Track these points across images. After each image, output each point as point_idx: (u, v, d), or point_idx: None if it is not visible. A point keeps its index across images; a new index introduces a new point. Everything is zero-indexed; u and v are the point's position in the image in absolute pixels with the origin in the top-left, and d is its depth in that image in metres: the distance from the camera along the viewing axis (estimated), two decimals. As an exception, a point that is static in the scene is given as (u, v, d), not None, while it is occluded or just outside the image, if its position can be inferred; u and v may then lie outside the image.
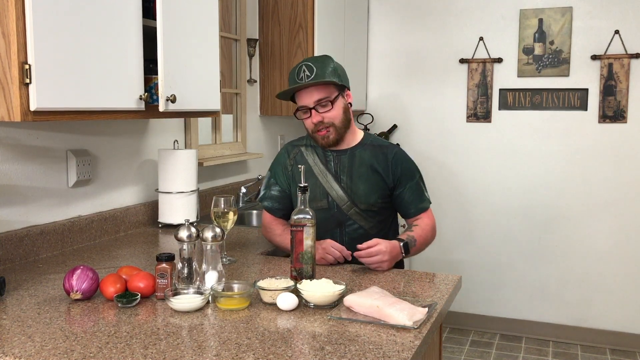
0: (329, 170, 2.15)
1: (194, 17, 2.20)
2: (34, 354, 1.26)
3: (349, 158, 2.15)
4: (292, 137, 4.02)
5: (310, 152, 2.19)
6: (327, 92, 2.06)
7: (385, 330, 1.42)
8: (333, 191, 2.13)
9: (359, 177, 2.12)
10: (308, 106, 2.07)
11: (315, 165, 2.16)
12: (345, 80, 2.13)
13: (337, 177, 2.14)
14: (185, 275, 1.62)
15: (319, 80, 2.02)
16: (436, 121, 4.14)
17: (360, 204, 2.11)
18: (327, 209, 2.13)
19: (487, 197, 4.07)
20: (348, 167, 2.14)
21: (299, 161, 2.18)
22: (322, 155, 2.17)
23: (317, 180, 2.14)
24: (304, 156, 2.19)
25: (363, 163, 2.13)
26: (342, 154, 2.15)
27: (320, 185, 2.14)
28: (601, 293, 3.87)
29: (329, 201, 2.13)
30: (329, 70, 2.06)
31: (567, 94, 3.84)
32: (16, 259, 1.98)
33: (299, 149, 2.22)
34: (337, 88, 2.09)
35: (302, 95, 2.08)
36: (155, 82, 2.03)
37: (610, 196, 3.80)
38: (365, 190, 2.11)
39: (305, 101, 2.07)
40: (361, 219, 2.13)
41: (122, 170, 2.52)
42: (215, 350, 1.29)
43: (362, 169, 2.13)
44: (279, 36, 3.46)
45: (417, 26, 4.11)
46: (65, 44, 1.65)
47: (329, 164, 2.15)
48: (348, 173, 2.13)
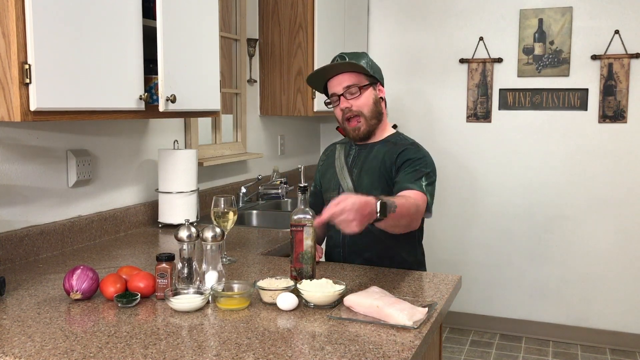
0: (346, 163, 2.16)
1: (194, 17, 2.20)
2: (34, 354, 1.26)
3: (366, 152, 2.14)
4: (292, 137, 4.03)
5: (341, 147, 2.22)
6: (357, 79, 2.05)
7: (385, 330, 1.42)
8: (344, 183, 2.13)
9: (366, 171, 2.12)
10: (337, 93, 2.06)
11: (338, 158, 2.19)
12: (379, 75, 2.13)
13: (351, 170, 2.15)
14: (185, 275, 1.62)
15: (349, 61, 2.01)
16: (436, 121, 4.14)
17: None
18: None
19: (487, 197, 4.07)
20: (362, 160, 2.13)
21: (329, 157, 2.24)
22: (348, 149, 2.19)
23: (334, 172, 2.17)
24: (334, 152, 2.23)
25: (376, 157, 2.12)
26: (363, 148, 2.15)
27: (335, 177, 2.16)
28: (601, 293, 3.88)
29: (339, 193, 2.13)
30: (359, 59, 2.07)
31: (567, 94, 3.84)
32: (16, 259, 1.98)
33: (334, 146, 2.26)
34: (367, 79, 2.07)
35: (332, 83, 2.08)
36: (155, 82, 2.03)
37: (610, 196, 3.80)
38: (368, 184, 2.10)
39: (335, 88, 2.07)
40: None
41: (122, 170, 2.52)
42: (215, 350, 1.29)
43: (373, 162, 2.11)
44: (279, 36, 3.46)
45: (417, 26, 4.12)
46: (65, 44, 1.65)
47: (349, 157, 2.17)
48: (360, 166, 2.13)
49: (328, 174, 2.20)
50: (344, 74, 2.05)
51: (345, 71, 2.05)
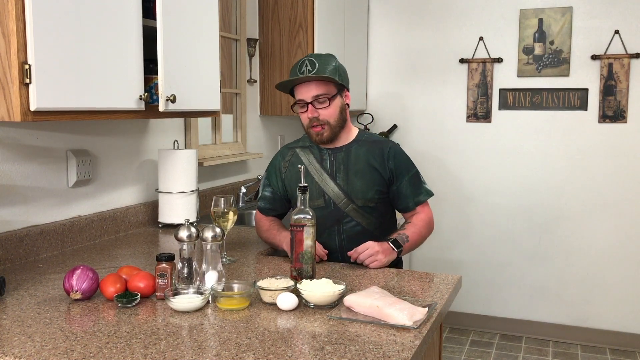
0: (324, 169, 2.15)
1: (194, 17, 2.20)
2: (34, 354, 1.26)
3: (344, 155, 2.16)
4: (293, 137, 4.03)
5: (305, 152, 2.20)
6: (326, 89, 2.07)
7: (385, 330, 1.42)
8: (329, 189, 2.13)
9: (355, 173, 2.13)
10: (305, 100, 2.08)
11: (310, 164, 2.17)
12: (346, 81, 2.15)
13: (333, 175, 2.14)
14: (185, 275, 1.62)
15: (319, 75, 2.03)
16: (436, 121, 4.14)
17: (357, 200, 2.12)
18: (323, 207, 2.13)
19: (487, 197, 4.07)
20: (344, 164, 2.14)
21: (294, 162, 2.20)
22: (318, 154, 2.18)
23: (312, 180, 2.15)
24: (299, 157, 2.20)
25: (359, 159, 2.14)
26: (337, 151, 2.16)
27: (316, 184, 2.14)
28: (601, 293, 3.87)
29: (325, 199, 2.14)
30: (330, 67, 2.08)
31: (567, 94, 3.84)
32: (16, 259, 1.98)
33: (294, 151, 2.23)
34: (336, 87, 2.10)
35: (301, 89, 2.09)
36: (155, 82, 2.03)
37: (610, 196, 3.80)
38: (362, 186, 2.12)
39: (303, 95, 2.08)
40: (358, 215, 2.13)
41: (122, 170, 2.52)
42: (215, 350, 1.29)
43: (359, 165, 2.13)
44: (279, 36, 3.46)
45: (417, 26, 4.12)
46: (65, 44, 1.65)
47: (325, 162, 2.16)
48: (344, 170, 2.14)
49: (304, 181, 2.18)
50: (313, 82, 2.06)
51: (313, 79, 2.05)
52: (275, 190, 2.24)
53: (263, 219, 2.27)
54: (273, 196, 2.25)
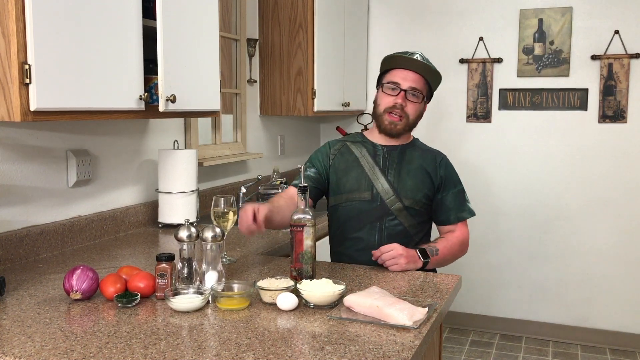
0: (376, 163, 2.14)
1: (194, 17, 2.20)
2: (34, 354, 1.26)
3: (399, 154, 2.16)
4: (292, 137, 4.03)
5: (357, 146, 2.19)
6: (423, 87, 2.10)
7: (385, 330, 1.42)
8: (379, 184, 2.11)
9: (407, 172, 2.13)
10: (401, 86, 2.07)
11: (362, 157, 2.16)
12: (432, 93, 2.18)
13: (385, 171, 2.13)
14: (185, 275, 1.62)
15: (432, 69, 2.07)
16: (436, 121, 4.14)
17: (405, 199, 2.10)
18: (370, 201, 2.11)
19: (487, 197, 4.07)
20: (397, 162, 2.14)
21: (344, 152, 2.17)
22: (372, 149, 2.17)
23: (363, 171, 2.13)
24: (350, 149, 2.18)
25: (412, 161, 2.15)
26: (392, 149, 2.16)
27: (366, 177, 2.12)
28: (601, 293, 3.88)
29: (373, 193, 2.11)
30: (435, 70, 2.11)
31: (567, 94, 3.84)
32: (16, 259, 1.98)
33: (344, 143, 2.21)
34: (428, 93, 2.13)
35: (401, 73, 2.08)
36: (155, 82, 2.03)
37: (610, 196, 3.80)
38: (412, 186, 2.11)
39: (402, 80, 2.07)
40: (403, 215, 2.11)
41: (122, 170, 2.52)
42: (215, 350, 1.29)
43: (412, 165, 2.14)
44: (279, 36, 3.46)
45: (417, 26, 4.12)
46: (65, 44, 1.65)
47: (378, 157, 2.15)
48: (397, 168, 2.13)
49: (353, 173, 2.13)
50: (418, 74, 2.07)
51: (419, 72, 2.06)
52: (319, 172, 2.16)
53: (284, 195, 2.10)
54: (316, 176, 2.14)
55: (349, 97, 3.87)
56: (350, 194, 2.13)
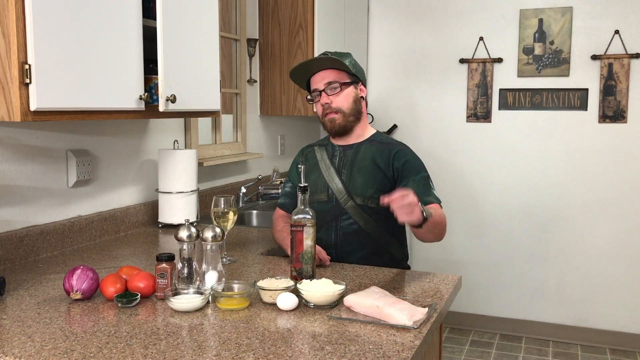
0: (332, 165, 2.17)
1: (194, 17, 2.20)
2: (34, 354, 1.26)
3: (353, 153, 2.17)
4: (292, 137, 4.03)
5: (321, 149, 2.24)
6: (338, 76, 2.11)
7: (385, 330, 1.42)
8: (333, 184, 2.14)
9: (358, 170, 2.13)
10: (318, 88, 2.12)
11: (322, 160, 2.20)
12: (361, 74, 2.17)
13: (339, 171, 2.16)
14: (185, 275, 1.62)
15: (331, 57, 2.06)
16: (436, 121, 4.14)
17: (356, 197, 2.10)
18: (326, 202, 2.14)
19: (487, 197, 4.07)
20: (350, 160, 2.15)
21: (310, 158, 2.24)
22: (330, 150, 2.21)
23: (320, 174, 2.17)
24: (314, 153, 2.24)
25: (365, 157, 2.15)
26: (348, 149, 2.18)
27: (322, 179, 2.16)
28: (601, 293, 3.87)
29: (328, 194, 2.14)
30: (342, 57, 2.11)
31: (567, 94, 3.84)
32: (16, 259, 1.98)
33: (312, 148, 2.28)
34: (349, 77, 2.13)
35: (315, 79, 2.13)
36: (155, 82, 2.03)
37: (610, 196, 3.80)
38: (362, 183, 2.11)
39: (316, 84, 2.13)
40: (357, 213, 2.11)
41: (122, 170, 2.52)
42: (215, 350, 1.29)
43: (364, 162, 2.14)
44: (279, 36, 3.46)
45: (417, 26, 4.11)
46: (65, 44, 1.65)
47: (335, 158, 2.18)
48: (349, 166, 2.15)
49: (312, 176, 2.18)
50: (327, 70, 2.11)
51: (327, 68, 2.10)
52: (295, 185, 2.25)
53: (279, 219, 2.25)
54: (292, 191, 2.26)
55: (349, 97, 3.87)
56: (311, 197, 2.14)
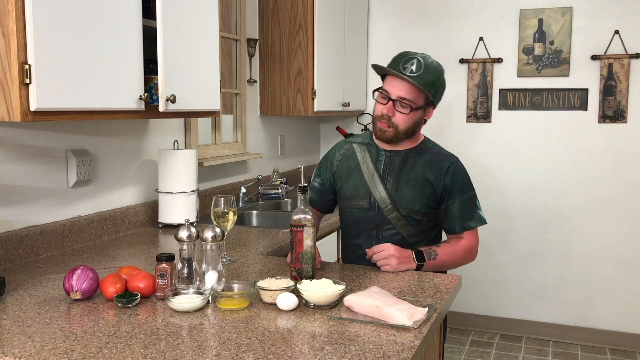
0: (377, 170, 2.08)
1: (194, 17, 2.20)
2: (34, 354, 1.26)
3: (400, 161, 2.07)
4: (292, 137, 4.03)
5: (363, 149, 2.13)
6: (415, 97, 1.98)
7: (385, 330, 1.42)
8: (377, 191, 2.06)
9: (406, 181, 2.04)
10: (390, 96, 1.99)
11: (364, 162, 2.10)
12: (437, 99, 2.05)
13: (384, 178, 2.06)
14: (185, 275, 1.62)
15: (415, 83, 1.93)
16: (436, 121, 4.14)
17: (402, 209, 2.03)
18: (367, 209, 2.07)
19: (487, 197, 4.07)
20: (397, 169, 2.06)
21: (348, 157, 2.14)
22: (375, 153, 2.10)
23: (362, 178, 2.08)
24: (354, 152, 2.14)
25: (414, 168, 2.05)
26: (395, 155, 2.08)
27: (364, 184, 2.08)
28: (601, 293, 3.88)
29: (370, 201, 2.06)
30: (432, 79, 1.98)
31: (567, 94, 3.84)
32: (16, 259, 1.98)
33: (351, 145, 2.16)
34: (425, 100, 2.01)
35: (392, 82, 1.99)
36: (155, 82, 2.03)
37: (610, 196, 3.80)
38: (410, 196, 2.03)
39: (391, 89, 1.99)
40: (400, 224, 2.05)
41: (122, 170, 2.52)
42: (215, 350, 1.29)
43: (413, 174, 2.05)
44: (279, 36, 3.46)
45: (417, 26, 4.12)
46: (65, 44, 1.65)
47: (379, 163, 2.09)
48: (396, 176, 2.06)
49: (353, 179, 2.09)
50: (409, 83, 1.96)
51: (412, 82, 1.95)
52: (324, 182, 2.19)
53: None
54: (321, 187, 2.19)
55: (348, 97, 3.87)
56: (349, 201, 2.10)
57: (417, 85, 1.94)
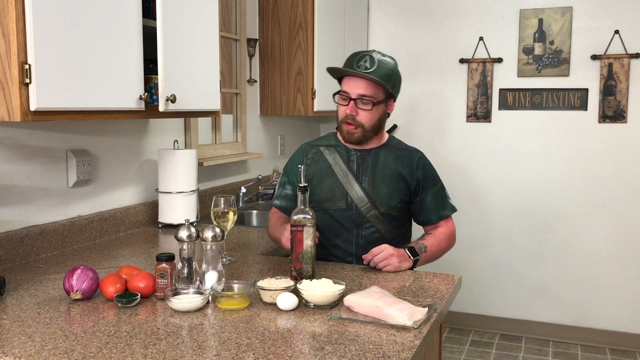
0: (350, 170, 2.09)
1: (194, 17, 2.20)
2: (34, 354, 1.26)
3: (372, 159, 2.10)
4: (292, 137, 4.03)
5: (331, 151, 2.14)
6: (375, 92, 2.00)
7: (385, 330, 1.42)
8: (353, 192, 2.07)
9: (382, 178, 2.07)
10: (350, 95, 2.01)
11: (335, 164, 2.11)
12: (396, 91, 2.08)
13: (358, 178, 2.08)
14: (185, 275, 1.62)
15: (373, 78, 1.96)
16: (436, 121, 4.14)
17: (380, 206, 2.06)
18: (344, 210, 2.07)
19: (487, 197, 4.07)
20: (371, 167, 2.09)
21: (318, 161, 2.13)
22: (345, 154, 2.12)
23: (337, 180, 2.09)
24: (323, 155, 2.13)
25: (387, 164, 2.09)
26: (365, 154, 2.10)
27: (339, 185, 2.08)
28: (601, 293, 3.88)
29: (347, 202, 2.07)
30: (388, 72, 2.00)
31: (567, 94, 3.84)
32: (16, 259, 1.98)
33: (318, 149, 2.16)
34: (385, 94, 2.04)
35: (349, 82, 2.01)
36: (155, 82, 2.03)
37: (610, 196, 3.80)
38: (387, 192, 2.06)
39: (350, 89, 2.01)
40: (379, 222, 2.07)
41: (122, 170, 2.52)
42: (215, 350, 1.29)
43: (386, 170, 2.08)
44: (279, 36, 3.46)
45: (417, 26, 4.12)
46: (65, 44, 1.65)
47: (352, 163, 2.10)
48: (370, 174, 2.08)
49: (326, 182, 2.10)
50: (365, 80, 1.99)
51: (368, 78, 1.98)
52: (295, 187, 2.15)
53: (272, 215, 2.20)
54: (293, 193, 2.15)
55: (349, 97, 3.87)
56: (325, 203, 2.09)
57: (374, 79, 1.97)
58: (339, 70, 2.04)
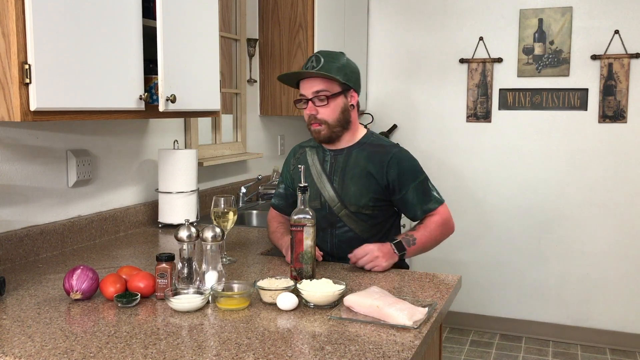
0: (324, 171, 2.12)
1: (194, 17, 2.20)
2: (34, 354, 1.26)
3: (344, 158, 2.11)
4: (292, 137, 4.03)
5: (312, 152, 2.18)
6: (327, 86, 2.02)
7: (385, 330, 1.42)
8: (325, 192, 2.10)
9: (350, 178, 2.08)
10: (306, 96, 2.04)
11: (313, 165, 2.15)
12: (353, 81, 2.07)
13: (330, 178, 2.11)
14: (185, 275, 1.62)
15: (320, 72, 1.99)
16: (436, 121, 4.14)
17: (350, 205, 2.07)
18: (319, 209, 2.10)
19: (487, 197, 4.07)
20: (342, 167, 2.10)
21: (301, 161, 2.18)
22: (322, 155, 2.15)
23: (312, 181, 2.13)
24: (306, 156, 2.19)
25: (358, 163, 2.09)
26: (338, 153, 2.12)
27: (314, 186, 2.12)
28: (601, 293, 3.88)
29: (321, 202, 2.11)
30: (337, 65, 2.02)
31: (567, 94, 3.84)
32: (16, 259, 1.98)
33: (304, 150, 2.22)
34: (340, 86, 2.04)
35: (303, 85, 2.06)
36: (155, 82, 2.03)
37: (610, 196, 3.80)
38: (355, 192, 2.07)
39: (305, 91, 2.05)
40: (351, 221, 2.08)
41: (122, 170, 2.52)
42: (215, 350, 1.29)
43: (356, 169, 2.08)
44: (279, 36, 3.46)
45: (417, 26, 4.12)
46: (65, 44, 1.65)
47: (325, 164, 2.13)
48: (341, 174, 2.09)
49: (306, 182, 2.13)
50: (316, 78, 2.02)
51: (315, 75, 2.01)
52: (287, 187, 2.24)
53: (273, 220, 2.25)
54: (286, 192, 2.24)
55: (349, 97, 3.87)
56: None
57: (321, 74, 1.99)
58: (289, 76, 2.08)
